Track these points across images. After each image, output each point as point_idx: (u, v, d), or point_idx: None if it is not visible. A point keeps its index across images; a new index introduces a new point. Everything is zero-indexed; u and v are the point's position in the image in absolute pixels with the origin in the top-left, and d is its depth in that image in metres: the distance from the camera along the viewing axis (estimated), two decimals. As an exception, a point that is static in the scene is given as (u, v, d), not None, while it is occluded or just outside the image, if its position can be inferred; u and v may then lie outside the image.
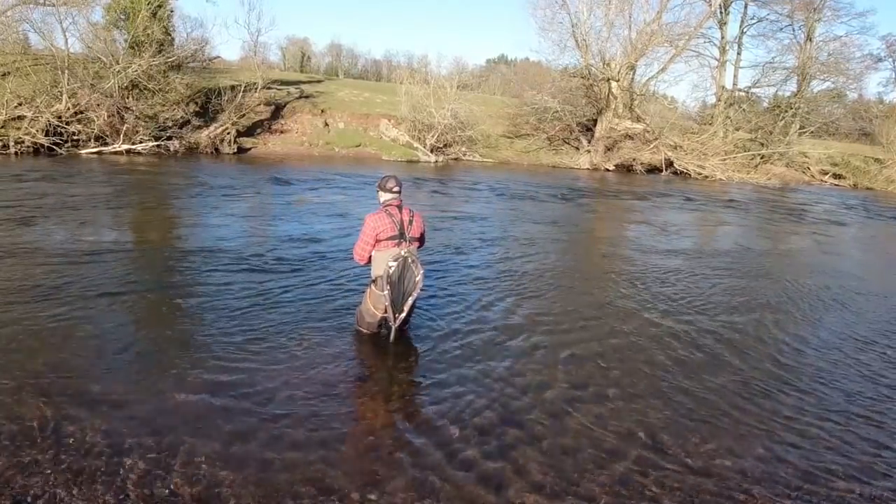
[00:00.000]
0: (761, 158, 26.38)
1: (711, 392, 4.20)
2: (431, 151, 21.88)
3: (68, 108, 16.25)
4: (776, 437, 3.66)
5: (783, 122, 27.69)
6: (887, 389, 4.53)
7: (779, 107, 28.55)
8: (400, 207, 4.37)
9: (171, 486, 2.79)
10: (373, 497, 2.83)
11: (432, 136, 22.02)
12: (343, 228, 8.91)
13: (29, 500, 2.63)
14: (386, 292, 4.22)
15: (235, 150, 19.16)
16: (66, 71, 16.49)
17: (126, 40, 18.88)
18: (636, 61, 24.65)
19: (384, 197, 4.41)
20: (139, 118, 17.42)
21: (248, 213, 9.99)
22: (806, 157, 28.27)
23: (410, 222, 4.37)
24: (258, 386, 3.79)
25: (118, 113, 16.83)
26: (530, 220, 11.30)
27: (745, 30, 29.11)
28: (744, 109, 29.08)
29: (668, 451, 3.39)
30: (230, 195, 11.31)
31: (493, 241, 8.89)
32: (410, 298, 4.32)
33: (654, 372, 4.48)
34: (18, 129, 15.38)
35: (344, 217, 9.98)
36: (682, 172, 23.69)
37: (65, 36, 17.41)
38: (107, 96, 16.76)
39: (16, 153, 15.04)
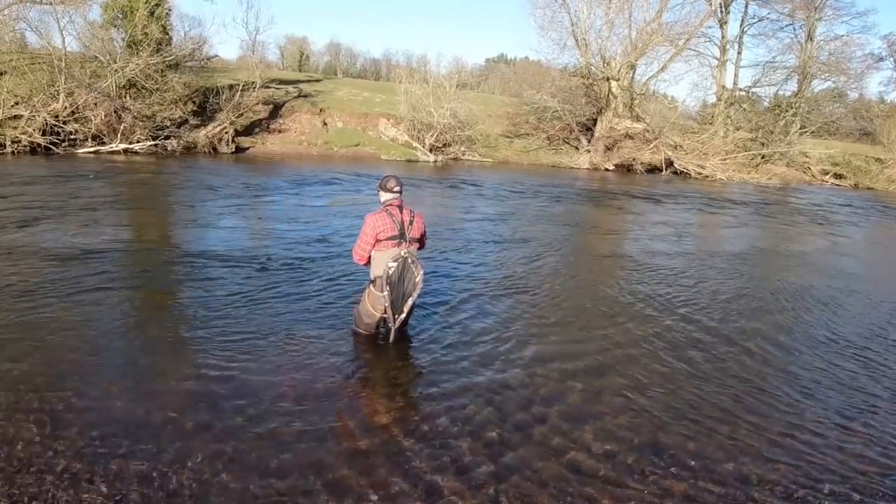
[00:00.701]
0: (762, 158, 26.30)
1: (716, 400, 4.12)
2: (430, 151, 21.80)
3: (65, 108, 16.15)
4: (770, 447, 3.57)
5: (784, 121, 27.61)
6: (875, 397, 4.45)
7: (779, 106, 28.46)
8: (401, 208, 4.31)
9: (169, 487, 2.76)
10: (373, 498, 2.78)
11: (431, 136, 21.93)
12: (342, 228, 8.82)
13: (25, 501, 2.61)
14: (385, 293, 4.15)
15: (233, 150, 19.07)
16: (64, 70, 16.38)
17: (124, 39, 18.79)
18: (636, 60, 24.57)
19: (385, 197, 4.35)
20: (137, 117, 17.31)
21: (245, 212, 9.90)
22: (807, 156, 28.19)
23: (411, 223, 4.30)
24: (253, 386, 3.72)
25: (115, 112, 16.72)
26: (532, 220, 11.22)
27: (745, 29, 29.06)
28: (744, 109, 28.98)
29: (666, 460, 3.31)
30: (227, 195, 11.22)
31: (494, 241, 8.80)
32: (410, 299, 4.26)
33: (653, 380, 4.40)
34: (15, 128, 15.29)
35: (342, 217, 9.90)
36: (682, 172, 23.61)
37: (62, 35, 17.34)
38: (104, 95, 16.67)
39: (13, 152, 14.94)
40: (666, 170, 23.65)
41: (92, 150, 16.17)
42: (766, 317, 6.07)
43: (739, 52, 29.19)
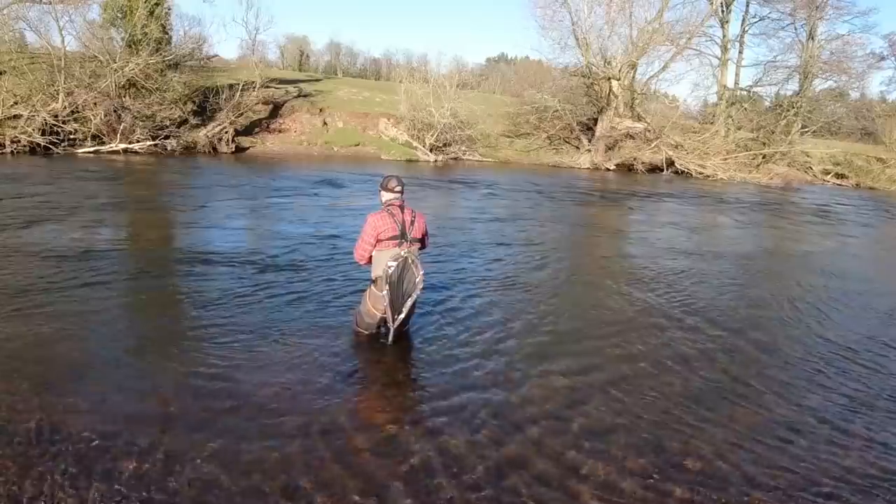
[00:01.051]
0: (763, 158, 26.22)
1: (717, 408, 4.07)
2: (431, 151, 21.76)
3: (65, 107, 16.13)
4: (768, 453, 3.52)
5: (785, 121, 27.52)
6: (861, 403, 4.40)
7: (780, 106, 28.39)
8: (402, 208, 4.27)
9: (167, 487, 2.73)
10: (371, 501, 2.73)
11: (432, 136, 21.89)
12: (343, 228, 8.77)
13: (25, 501, 2.58)
14: (385, 292, 4.11)
15: (233, 150, 19.04)
16: (63, 70, 16.34)
17: (123, 38, 18.76)
18: (637, 60, 24.52)
19: (386, 197, 4.31)
20: (136, 117, 17.27)
21: (244, 212, 9.85)
22: (808, 156, 28.11)
23: (412, 223, 4.26)
24: (252, 386, 3.68)
25: (115, 112, 16.69)
26: (535, 220, 11.16)
27: (746, 28, 28.96)
28: (745, 108, 28.90)
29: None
30: (227, 195, 11.17)
31: (496, 242, 8.75)
32: (410, 299, 4.21)
33: (655, 390, 4.34)
34: (14, 128, 15.26)
35: (343, 217, 9.85)
36: (683, 172, 23.55)
37: (61, 34, 17.32)
38: (104, 95, 16.63)
39: (12, 152, 14.91)
40: (667, 169, 23.59)
41: (91, 149, 16.14)
42: (771, 322, 6.02)
43: (741, 52, 29.14)
